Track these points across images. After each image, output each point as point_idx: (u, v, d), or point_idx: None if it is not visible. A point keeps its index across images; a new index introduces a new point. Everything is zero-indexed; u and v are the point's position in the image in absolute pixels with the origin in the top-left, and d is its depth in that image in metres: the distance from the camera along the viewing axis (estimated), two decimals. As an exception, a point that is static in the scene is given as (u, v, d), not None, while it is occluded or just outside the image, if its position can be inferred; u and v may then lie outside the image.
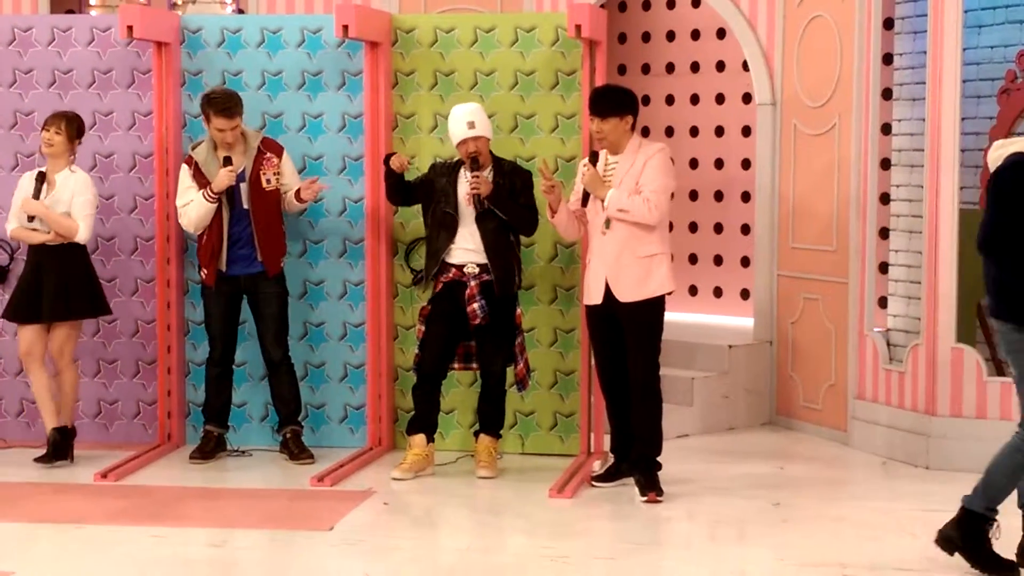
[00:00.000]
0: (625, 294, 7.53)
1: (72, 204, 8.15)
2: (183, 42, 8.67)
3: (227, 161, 8.12)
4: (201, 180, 8.17)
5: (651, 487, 7.54)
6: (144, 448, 8.53)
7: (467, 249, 7.90)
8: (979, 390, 8.12)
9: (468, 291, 7.87)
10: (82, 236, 8.18)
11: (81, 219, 8.15)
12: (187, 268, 8.69)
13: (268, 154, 8.26)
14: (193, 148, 8.31)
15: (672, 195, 7.65)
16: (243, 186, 8.21)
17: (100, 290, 8.36)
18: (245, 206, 8.22)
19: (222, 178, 8.10)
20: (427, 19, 8.67)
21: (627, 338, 7.62)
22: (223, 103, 8.12)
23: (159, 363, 8.67)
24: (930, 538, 6.32)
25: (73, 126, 8.23)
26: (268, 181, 8.23)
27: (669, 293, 7.63)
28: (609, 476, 7.78)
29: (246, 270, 8.26)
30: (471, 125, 7.85)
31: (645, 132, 11.17)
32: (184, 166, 8.29)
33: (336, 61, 8.61)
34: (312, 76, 8.63)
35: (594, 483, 7.76)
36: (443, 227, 7.92)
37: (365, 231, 8.53)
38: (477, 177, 7.80)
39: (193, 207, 8.18)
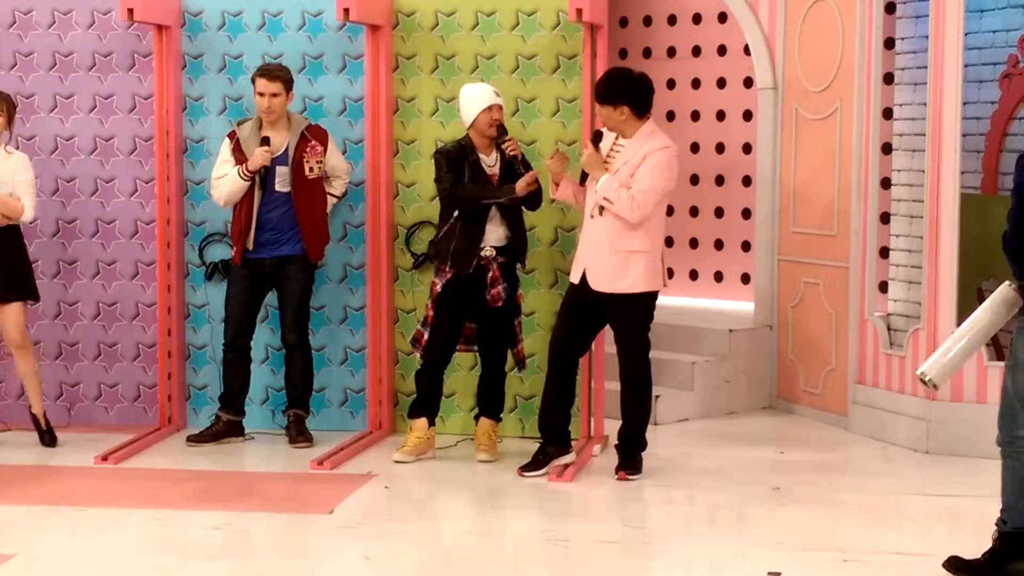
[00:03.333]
0: (598, 283, 7.51)
1: (15, 184, 8.11)
2: (184, 25, 8.66)
3: (265, 141, 8.10)
4: (239, 156, 8.15)
5: (624, 466, 7.62)
6: (144, 431, 8.54)
7: (492, 232, 7.89)
8: (979, 375, 8.13)
9: (492, 274, 7.85)
10: (28, 215, 8.14)
11: (26, 197, 8.11)
12: (187, 251, 8.69)
13: (313, 142, 8.21)
14: (239, 124, 8.29)
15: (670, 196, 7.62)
16: (280, 169, 8.16)
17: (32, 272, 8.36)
18: (279, 189, 8.19)
19: (257, 157, 8.08)
20: (428, 2, 8.65)
21: (613, 329, 7.67)
22: (267, 66, 8.17)
23: (159, 346, 8.67)
24: (929, 523, 6.31)
25: (11, 106, 8.17)
26: (311, 169, 8.19)
27: (651, 293, 7.57)
28: (537, 463, 7.71)
29: (273, 253, 8.23)
30: (496, 94, 7.85)
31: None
32: (226, 139, 8.26)
33: (337, 44, 8.60)
34: (313, 59, 8.62)
35: (524, 474, 7.67)
36: (481, 210, 7.83)
37: (365, 215, 8.52)
38: (510, 139, 7.81)
39: (226, 182, 8.16)
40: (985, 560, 5.91)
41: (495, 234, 7.88)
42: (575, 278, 7.62)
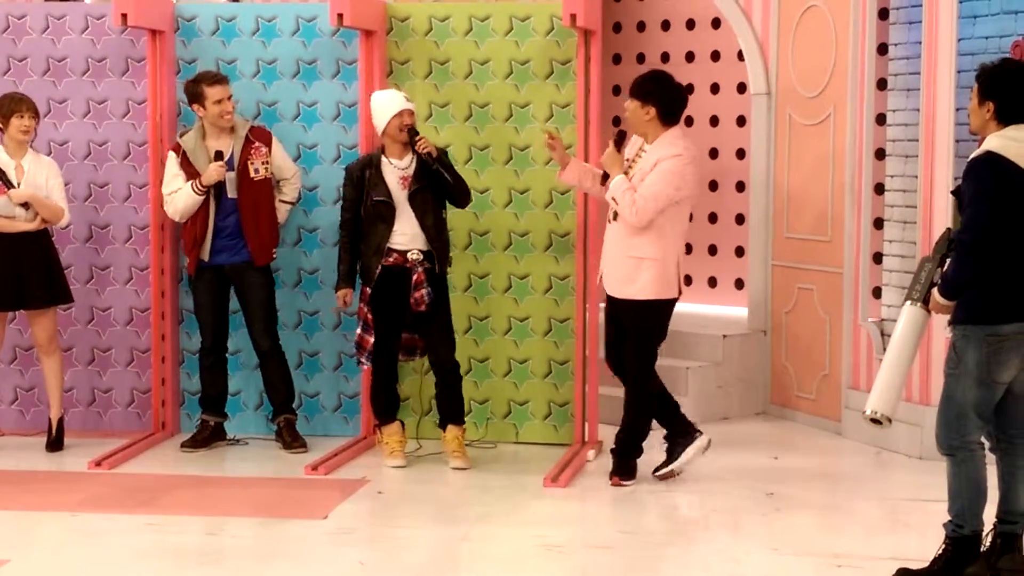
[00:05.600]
0: (611, 287, 7.54)
1: (49, 188, 8.14)
2: (177, 30, 8.66)
3: (218, 156, 8.09)
4: (188, 169, 8.15)
5: (617, 471, 7.61)
6: (138, 436, 8.53)
7: (407, 235, 7.87)
8: (973, 380, 8.12)
9: (415, 278, 7.85)
10: (66, 219, 8.22)
11: (61, 202, 8.19)
12: (181, 256, 8.68)
13: (257, 143, 8.23)
14: (181, 136, 8.29)
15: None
16: (229, 175, 8.17)
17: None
18: (231, 196, 8.20)
19: (211, 173, 8.07)
20: (422, 7, 8.65)
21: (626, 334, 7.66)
22: (213, 74, 8.18)
23: (153, 351, 8.66)
24: (924, 528, 6.32)
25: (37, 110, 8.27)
26: (256, 171, 8.20)
27: (661, 301, 7.51)
28: (667, 463, 7.73)
29: (231, 259, 8.23)
30: (407, 99, 7.91)
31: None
32: (171, 153, 8.26)
33: (331, 49, 8.60)
34: (307, 64, 8.62)
35: (657, 475, 7.69)
36: (380, 218, 7.85)
37: (360, 220, 8.52)
38: (422, 139, 7.82)
39: (180, 197, 8.15)
40: (937, 568, 5.93)
41: (413, 239, 7.86)
42: (601, 281, 7.66)
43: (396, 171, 7.89)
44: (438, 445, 8.23)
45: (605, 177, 7.59)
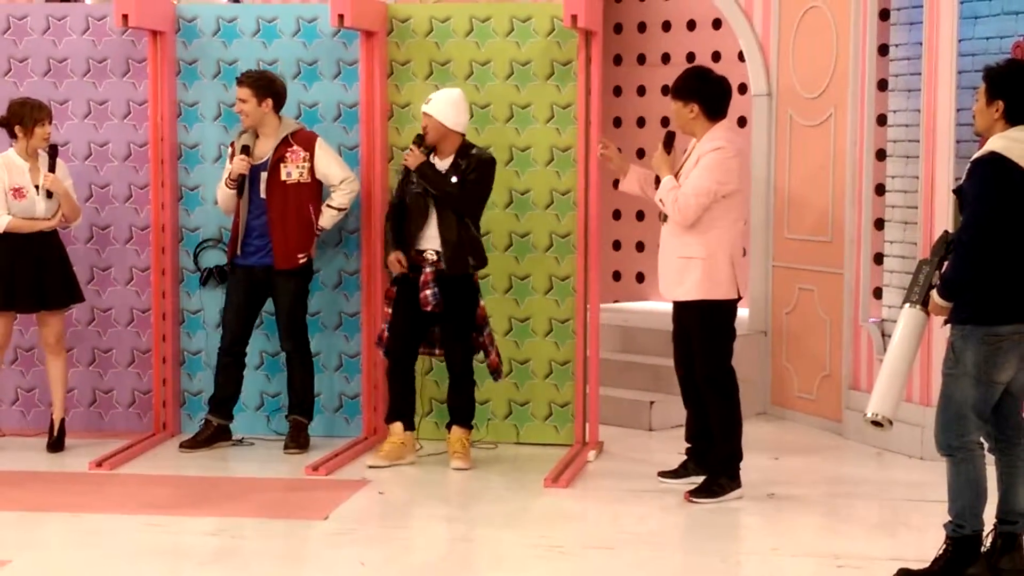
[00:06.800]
0: (663, 289, 7.47)
1: (66, 187, 8.21)
2: (178, 31, 8.66)
3: (244, 150, 8.11)
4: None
5: (698, 490, 7.38)
6: (139, 437, 8.53)
7: (426, 235, 7.89)
8: (973, 381, 8.11)
9: (423, 278, 7.86)
10: (81, 217, 8.28)
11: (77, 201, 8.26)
12: (182, 257, 8.70)
13: (295, 146, 8.20)
14: (241, 133, 8.30)
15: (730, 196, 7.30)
16: (263, 175, 8.18)
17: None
18: (263, 196, 8.20)
19: (234, 166, 8.12)
20: (423, 8, 8.65)
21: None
22: (243, 74, 8.20)
23: (154, 352, 8.67)
24: (924, 529, 6.31)
25: None
26: (289, 174, 8.19)
27: (712, 301, 7.28)
28: (676, 472, 7.65)
29: (261, 260, 8.24)
30: (427, 101, 7.90)
31: (640, 123, 11.19)
32: (229, 147, 8.32)
33: (332, 50, 8.60)
34: (307, 65, 8.63)
35: (662, 479, 7.64)
36: (418, 211, 7.89)
37: (360, 220, 8.53)
38: (410, 150, 7.84)
39: (218, 190, 8.25)
40: (938, 568, 5.94)
41: (432, 239, 7.87)
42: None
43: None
44: (439, 446, 8.23)
45: (658, 181, 7.43)
